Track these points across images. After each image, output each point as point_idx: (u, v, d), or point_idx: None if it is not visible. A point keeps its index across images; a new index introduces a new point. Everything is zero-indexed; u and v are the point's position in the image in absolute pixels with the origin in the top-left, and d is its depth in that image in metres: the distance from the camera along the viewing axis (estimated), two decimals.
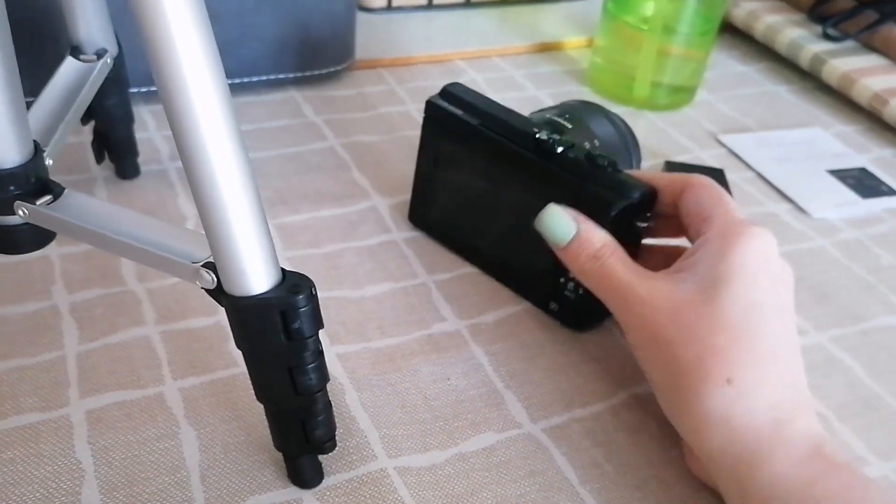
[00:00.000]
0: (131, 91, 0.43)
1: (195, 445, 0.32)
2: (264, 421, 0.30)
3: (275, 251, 0.27)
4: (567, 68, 0.64)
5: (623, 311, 0.34)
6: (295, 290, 0.27)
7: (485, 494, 0.32)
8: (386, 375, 0.36)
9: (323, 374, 0.29)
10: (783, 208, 0.51)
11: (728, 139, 0.57)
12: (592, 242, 0.35)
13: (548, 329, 0.40)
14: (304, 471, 0.31)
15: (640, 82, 0.59)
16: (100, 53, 0.39)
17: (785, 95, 0.65)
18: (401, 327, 0.39)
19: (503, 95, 0.59)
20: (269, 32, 0.52)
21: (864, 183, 0.54)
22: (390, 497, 0.31)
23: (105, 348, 0.36)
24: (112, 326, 0.37)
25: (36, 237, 0.32)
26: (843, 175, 0.55)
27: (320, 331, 0.28)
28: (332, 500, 0.31)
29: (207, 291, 0.28)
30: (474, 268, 0.43)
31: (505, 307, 0.41)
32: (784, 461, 0.29)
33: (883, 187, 0.54)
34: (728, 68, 0.68)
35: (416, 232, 0.45)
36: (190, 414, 0.33)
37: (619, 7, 0.58)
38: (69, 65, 0.38)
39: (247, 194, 0.25)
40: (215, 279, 0.27)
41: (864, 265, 0.47)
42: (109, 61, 0.39)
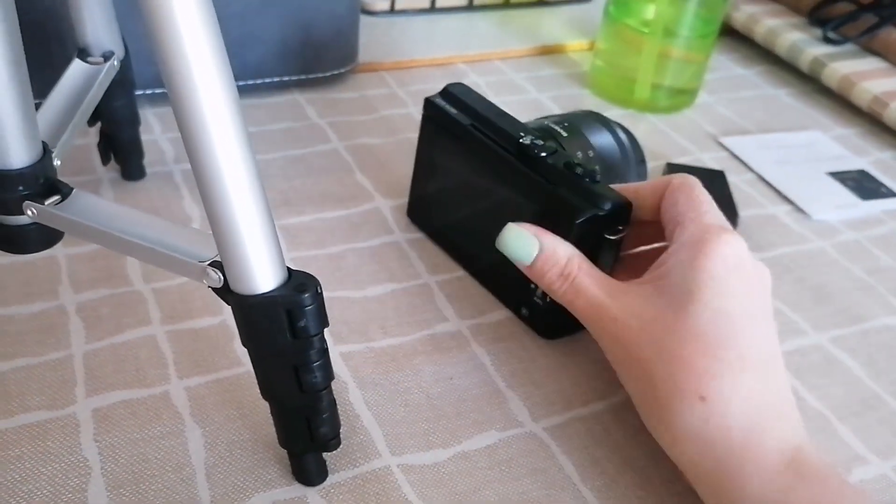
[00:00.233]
0: (137, 94, 0.44)
1: (200, 443, 0.33)
2: (269, 419, 0.31)
3: (281, 250, 0.27)
4: (568, 71, 0.65)
5: (595, 329, 0.34)
6: (301, 289, 0.27)
7: (487, 492, 0.32)
8: (389, 375, 0.37)
9: (328, 373, 0.29)
10: (783, 210, 0.51)
11: (729, 141, 0.58)
12: (557, 258, 0.34)
13: None
14: (309, 468, 0.31)
15: (641, 85, 0.59)
16: (107, 56, 0.39)
17: (785, 98, 0.65)
18: (403, 327, 0.39)
19: (504, 98, 0.59)
20: (273, 35, 0.52)
21: (864, 185, 0.54)
22: (394, 494, 0.32)
23: (111, 347, 0.36)
24: (118, 326, 0.37)
25: (44, 237, 0.32)
26: (843, 177, 0.55)
27: (324, 330, 0.28)
28: (337, 498, 0.31)
29: (214, 290, 0.28)
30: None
31: (506, 308, 0.41)
32: (755, 475, 0.29)
33: (882, 189, 0.54)
34: (728, 71, 0.68)
35: (418, 233, 0.45)
36: (195, 412, 0.34)
37: (621, 10, 0.59)
38: (76, 67, 0.39)
39: (254, 194, 0.26)
40: (222, 278, 0.28)
41: (864, 266, 0.47)
42: (116, 63, 0.40)
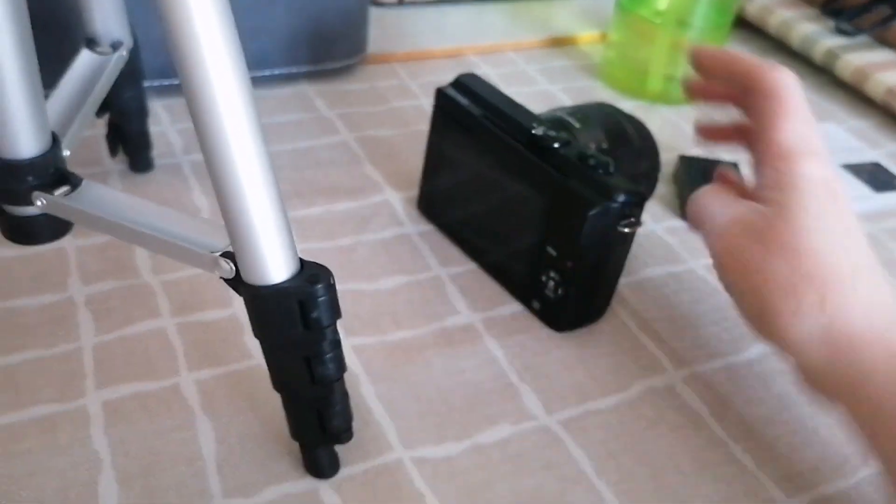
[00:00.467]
0: (145, 85, 0.44)
1: (211, 436, 0.32)
2: (280, 412, 0.30)
3: (293, 241, 0.27)
4: (580, 63, 0.64)
5: (710, 241, 0.35)
6: (313, 280, 0.27)
7: (501, 486, 0.32)
8: (401, 368, 0.36)
9: (340, 364, 0.29)
10: None
11: None
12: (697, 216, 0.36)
13: None
14: (321, 461, 0.31)
15: (654, 76, 0.59)
16: (115, 46, 0.39)
17: None
18: (415, 320, 0.39)
19: (516, 90, 0.59)
20: (283, 27, 0.52)
21: (878, 177, 0.54)
22: (406, 487, 0.31)
23: (121, 340, 0.36)
24: (128, 318, 0.37)
25: (53, 228, 0.32)
26: (857, 169, 0.54)
27: (337, 322, 0.28)
28: (349, 491, 0.31)
29: (226, 281, 0.28)
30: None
31: (518, 301, 0.41)
32: (886, 372, 0.29)
33: None
34: None
35: (429, 225, 0.45)
36: (206, 405, 0.33)
37: (633, 1, 0.58)
38: (85, 57, 0.38)
39: (266, 184, 0.26)
40: (234, 269, 0.27)
41: (878, 258, 0.47)
42: (125, 54, 0.39)
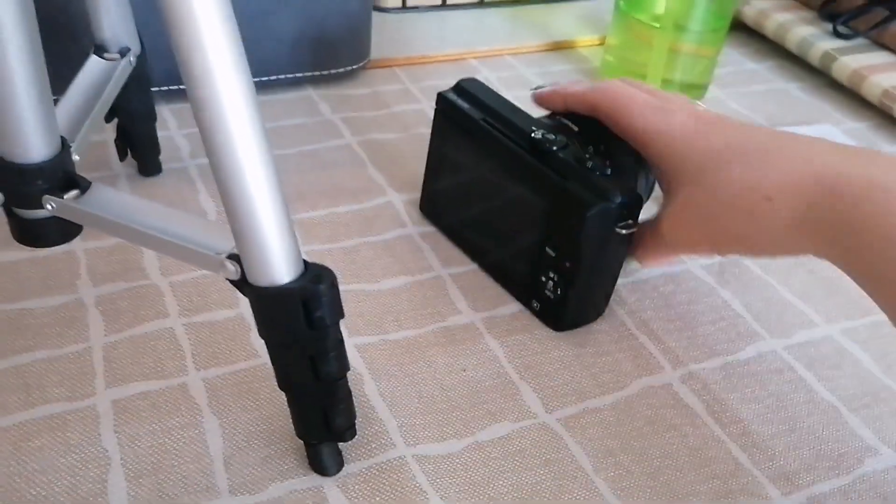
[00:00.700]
0: (153, 90, 0.44)
1: (218, 434, 0.33)
2: (285, 410, 0.31)
3: (297, 242, 0.28)
4: (579, 66, 0.65)
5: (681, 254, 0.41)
6: (317, 280, 0.28)
7: (501, 482, 0.32)
8: (403, 366, 0.37)
9: (343, 363, 0.30)
10: None
11: None
12: (634, 247, 0.40)
13: None
14: (325, 458, 0.32)
15: (652, 80, 0.59)
16: (123, 52, 0.40)
17: (795, 93, 0.65)
18: (417, 319, 0.39)
19: (516, 94, 0.59)
20: (287, 32, 0.53)
21: None
22: (409, 484, 0.32)
23: (130, 340, 0.37)
24: (136, 319, 0.38)
25: (63, 231, 0.33)
26: None
27: (340, 321, 0.29)
28: (352, 487, 0.32)
29: (232, 282, 0.29)
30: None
31: (518, 301, 0.41)
32: (848, 207, 0.30)
33: None
34: (739, 66, 0.68)
35: (431, 226, 0.45)
36: (213, 403, 0.34)
37: (631, 5, 0.59)
38: (93, 63, 0.39)
39: (271, 187, 0.26)
40: (240, 270, 0.28)
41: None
42: (133, 60, 0.40)
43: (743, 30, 0.72)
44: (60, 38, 0.45)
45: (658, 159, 0.38)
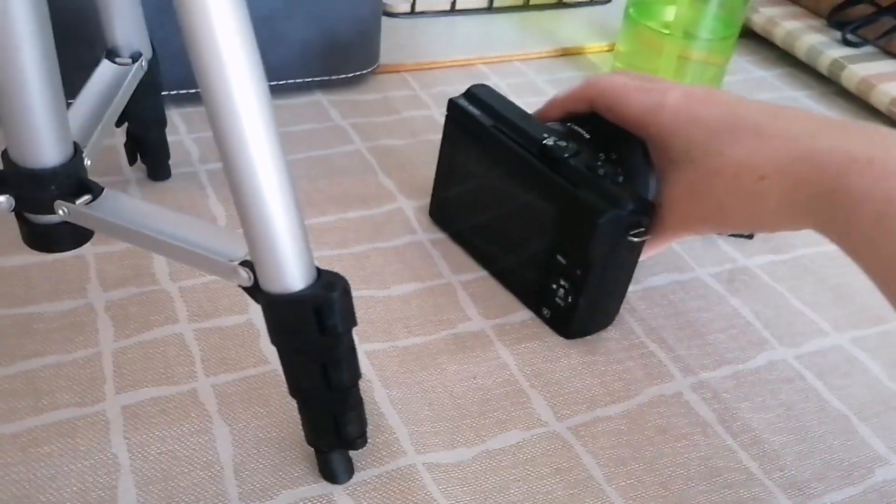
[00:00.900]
0: (163, 94, 0.44)
1: (228, 441, 0.33)
2: (296, 417, 0.31)
3: (311, 250, 0.28)
4: (588, 73, 0.65)
5: (679, 238, 0.39)
6: (330, 288, 0.28)
7: (512, 491, 0.32)
8: (413, 373, 0.37)
9: (355, 371, 0.29)
10: None
11: None
12: None
13: None
14: (336, 466, 0.32)
15: None
16: (135, 57, 0.40)
17: (804, 100, 0.65)
18: (427, 326, 0.39)
19: (525, 100, 0.59)
20: (297, 38, 0.53)
21: None
22: (419, 493, 0.32)
23: (139, 345, 0.36)
24: (146, 324, 0.37)
25: (74, 236, 0.33)
26: None
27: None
28: (363, 496, 0.31)
29: (244, 289, 0.29)
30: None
31: (529, 308, 0.41)
32: (841, 176, 0.30)
33: None
34: (747, 73, 0.68)
35: (441, 233, 0.45)
36: (223, 410, 0.34)
37: (641, 12, 0.59)
38: (105, 68, 0.39)
39: (285, 194, 0.26)
40: (252, 277, 0.28)
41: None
42: (144, 64, 0.40)
43: (752, 37, 0.72)
44: (73, 43, 0.45)
45: (654, 139, 0.38)
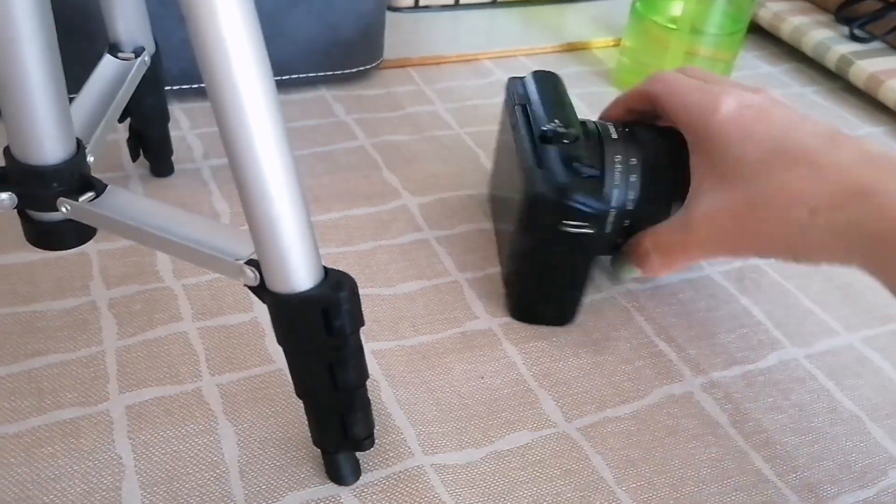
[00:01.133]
0: (165, 89, 0.44)
1: (234, 441, 0.32)
2: (302, 417, 0.30)
3: (318, 249, 0.27)
4: (594, 68, 0.64)
5: (708, 258, 0.39)
6: (338, 288, 0.27)
7: (521, 492, 0.32)
8: (420, 373, 0.36)
9: (363, 371, 0.29)
10: None
11: None
12: (640, 255, 0.38)
13: (580, 329, 0.40)
14: (342, 468, 0.31)
15: None
16: (138, 51, 0.39)
17: (811, 96, 0.64)
18: (434, 325, 0.39)
19: None
20: (301, 32, 0.52)
21: None
22: (427, 494, 0.31)
23: (143, 344, 0.36)
24: (150, 322, 0.37)
25: (77, 233, 0.32)
26: None
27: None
28: (370, 497, 0.31)
29: (250, 288, 0.28)
30: None
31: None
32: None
33: None
34: (755, 69, 0.67)
35: (447, 230, 0.45)
36: (228, 410, 0.34)
37: (648, 7, 0.58)
38: (108, 62, 0.39)
39: (292, 193, 0.26)
40: (259, 276, 0.27)
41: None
42: (147, 59, 0.40)
43: (759, 33, 0.72)
44: (75, 38, 0.44)
45: (701, 146, 0.36)
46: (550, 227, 0.36)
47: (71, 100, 0.33)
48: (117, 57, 0.39)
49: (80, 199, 0.31)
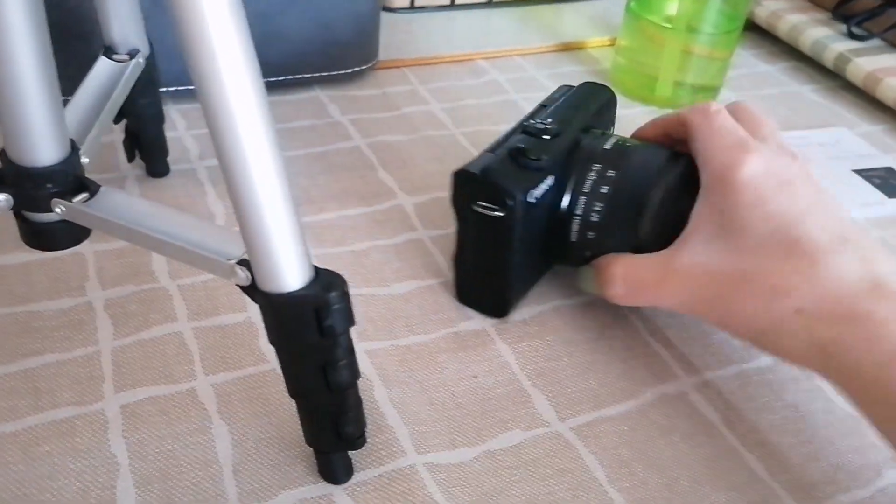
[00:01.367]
0: (161, 91, 0.44)
1: (227, 440, 0.33)
2: (295, 417, 0.31)
3: (308, 249, 0.27)
4: (589, 68, 0.64)
5: (672, 307, 0.36)
6: (328, 288, 0.27)
7: (514, 492, 0.32)
8: (414, 372, 0.36)
9: (354, 371, 0.29)
10: None
11: None
12: (608, 276, 0.37)
13: (574, 328, 0.40)
14: (335, 466, 0.31)
15: (663, 82, 0.59)
16: (132, 53, 0.39)
17: (809, 95, 0.64)
18: (428, 325, 0.39)
19: (525, 95, 0.59)
20: (296, 33, 0.52)
21: (890, 182, 0.54)
22: (420, 493, 0.32)
23: (139, 344, 0.36)
24: (145, 322, 0.37)
25: (72, 234, 0.33)
26: (869, 174, 0.54)
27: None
28: (363, 496, 0.31)
29: (242, 288, 0.28)
30: None
31: (531, 306, 0.41)
32: (875, 361, 0.29)
33: None
34: (751, 68, 0.67)
35: (442, 230, 0.45)
36: (222, 409, 0.34)
37: (643, 6, 0.58)
38: (103, 65, 0.39)
39: (282, 193, 0.26)
40: (250, 276, 0.28)
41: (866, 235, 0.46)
42: (142, 61, 0.40)
43: (756, 31, 0.72)
44: (70, 40, 0.44)
45: (710, 191, 0.34)
46: (467, 206, 0.36)
47: (67, 102, 0.34)
48: (112, 59, 0.39)
49: (74, 200, 0.31)
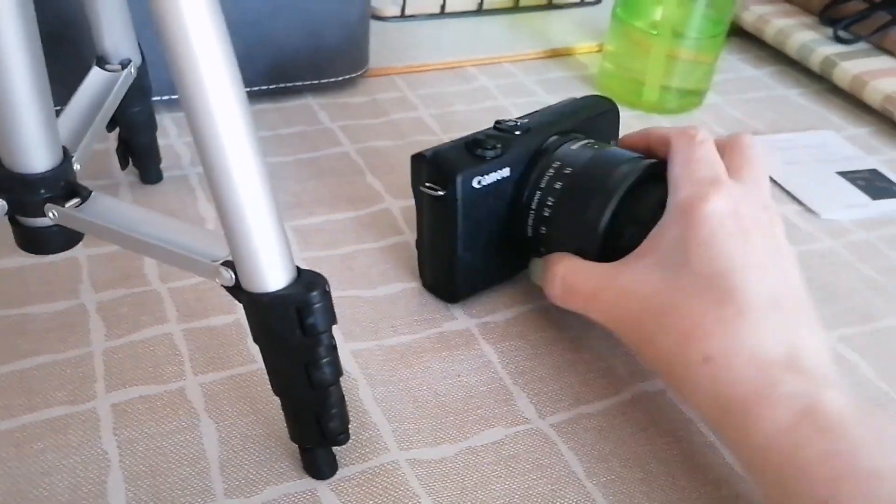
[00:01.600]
0: (154, 99, 0.45)
1: (215, 438, 0.34)
2: (281, 414, 0.31)
3: (290, 249, 0.28)
4: (577, 74, 0.65)
5: (600, 318, 0.36)
6: (310, 287, 0.28)
7: (494, 487, 0.33)
8: (398, 372, 0.37)
9: (336, 369, 0.30)
10: (792, 210, 0.52)
11: None
12: (551, 273, 0.37)
13: (556, 328, 0.41)
14: (319, 462, 0.32)
15: (650, 87, 0.59)
16: (124, 63, 0.41)
17: (795, 99, 0.65)
18: (412, 326, 0.40)
19: (514, 101, 0.60)
20: (286, 41, 0.53)
21: (875, 184, 0.54)
22: (402, 488, 0.32)
23: (130, 345, 0.37)
24: (136, 324, 0.38)
25: (64, 238, 0.34)
26: (853, 177, 0.55)
27: (335, 327, 0.29)
28: (346, 491, 0.32)
29: (226, 289, 0.29)
30: None
31: (514, 307, 0.42)
32: (764, 431, 0.28)
33: (894, 188, 0.54)
34: (738, 72, 0.68)
35: None
36: (210, 407, 0.35)
37: (628, 12, 0.59)
38: (95, 74, 0.40)
39: (263, 196, 0.27)
40: (234, 277, 0.29)
41: (874, 266, 0.47)
42: (133, 71, 0.41)
43: (742, 35, 0.72)
44: (62, 51, 0.46)
45: (672, 215, 0.34)
46: (418, 187, 0.38)
47: (60, 111, 0.35)
48: (104, 69, 0.40)
49: (67, 206, 0.32)
